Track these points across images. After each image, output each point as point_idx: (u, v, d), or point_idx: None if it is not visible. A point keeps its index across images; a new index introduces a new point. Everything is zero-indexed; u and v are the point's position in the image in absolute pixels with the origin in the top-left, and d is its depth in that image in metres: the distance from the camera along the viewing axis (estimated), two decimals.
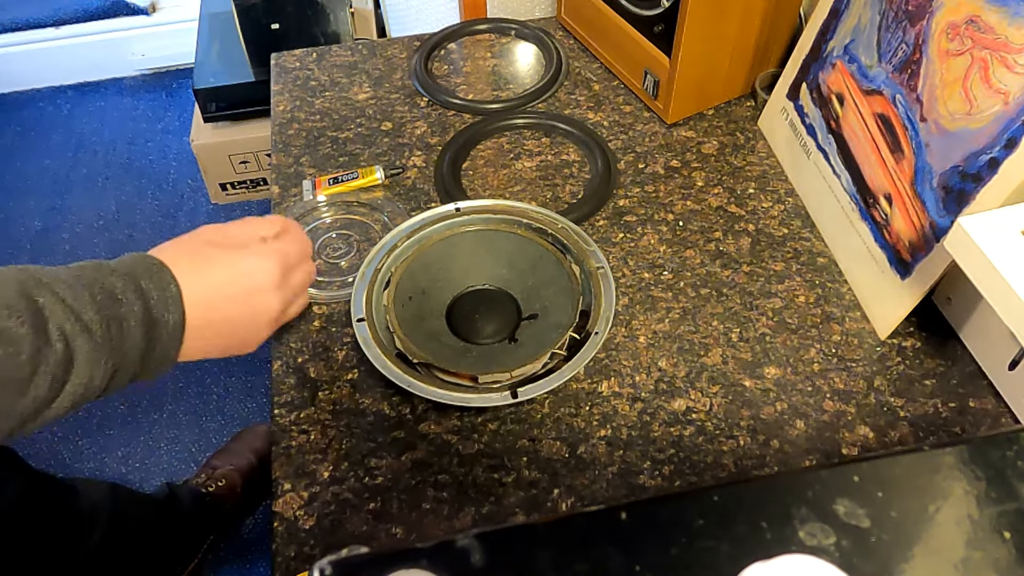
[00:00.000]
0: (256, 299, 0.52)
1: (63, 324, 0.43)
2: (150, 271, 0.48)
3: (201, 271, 0.50)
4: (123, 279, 0.47)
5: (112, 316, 0.45)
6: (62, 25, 2.12)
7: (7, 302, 0.41)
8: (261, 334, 0.54)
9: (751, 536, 0.27)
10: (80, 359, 0.43)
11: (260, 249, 0.53)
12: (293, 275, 0.55)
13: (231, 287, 0.51)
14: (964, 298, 0.61)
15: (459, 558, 0.26)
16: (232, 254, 0.52)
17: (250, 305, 0.52)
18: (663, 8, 0.75)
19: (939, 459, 0.31)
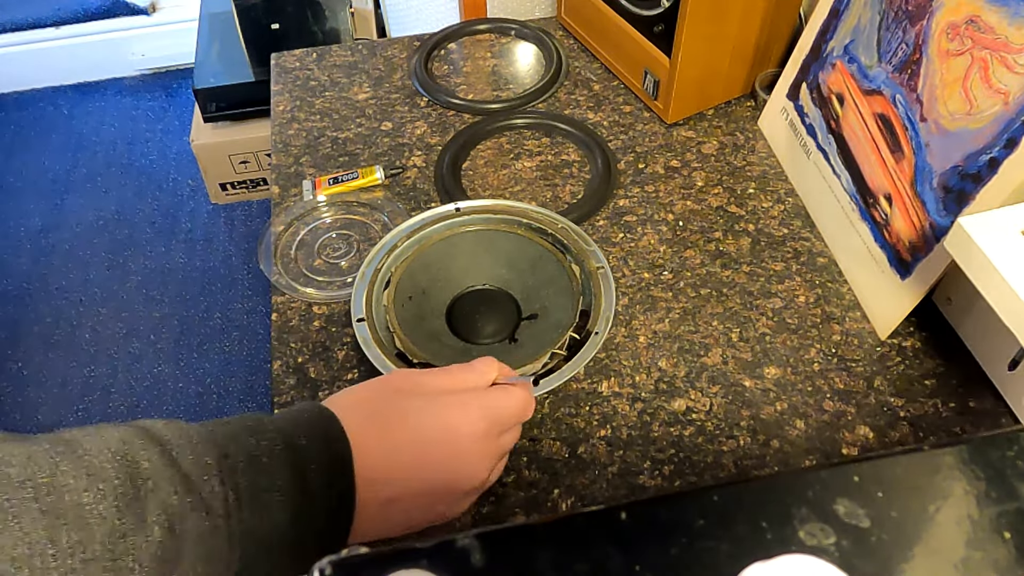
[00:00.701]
0: (452, 467, 0.41)
1: (167, 497, 0.33)
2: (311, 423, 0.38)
3: (381, 423, 0.39)
4: (272, 436, 0.37)
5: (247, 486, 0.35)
6: (62, 25, 2.12)
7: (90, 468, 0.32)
8: (458, 506, 0.43)
9: (751, 536, 0.27)
10: (188, 547, 0.33)
11: (463, 395, 0.42)
12: (503, 436, 0.44)
13: (416, 442, 0.40)
14: (964, 298, 0.61)
15: (459, 558, 0.26)
16: (423, 402, 0.41)
17: (449, 471, 0.41)
18: (663, 8, 0.75)
19: (939, 459, 0.31)
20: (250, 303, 1.69)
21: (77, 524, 0.31)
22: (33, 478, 0.31)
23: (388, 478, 0.39)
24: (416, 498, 0.40)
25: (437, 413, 0.41)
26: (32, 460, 0.32)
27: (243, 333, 1.64)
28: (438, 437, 0.40)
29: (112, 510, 0.32)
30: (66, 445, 0.33)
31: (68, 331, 1.66)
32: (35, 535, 0.30)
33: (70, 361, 1.61)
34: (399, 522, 0.41)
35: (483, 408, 0.42)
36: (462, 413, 0.41)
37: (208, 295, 1.71)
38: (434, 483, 0.40)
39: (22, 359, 1.63)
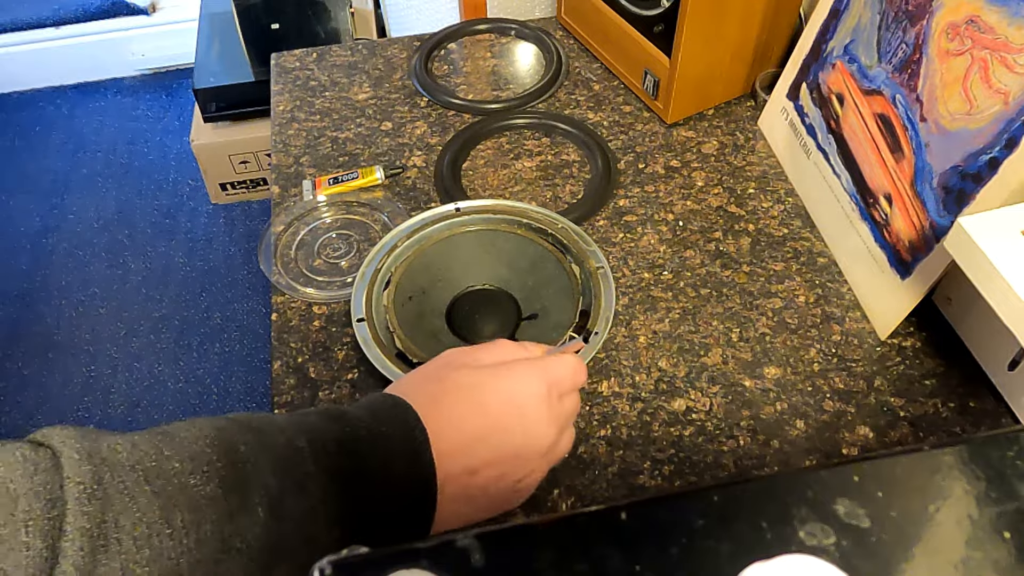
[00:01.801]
0: (524, 464, 0.42)
1: (267, 480, 0.35)
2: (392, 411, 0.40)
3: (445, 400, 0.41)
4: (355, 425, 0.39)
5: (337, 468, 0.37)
6: (62, 25, 2.12)
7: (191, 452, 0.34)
8: (533, 475, 0.43)
9: (751, 536, 0.27)
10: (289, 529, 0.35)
11: (519, 365, 0.43)
12: (563, 400, 0.44)
13: (480, 411, 0.41)
14: (964, 298, 0.61)
15: (459, 558, 0.26)
16: (482, 372, 0.42)
17: (516, 471, 0.42)
18: (663, 8, 0.75)
19: (939, 459, 0.31)
20: (250, 303, 1.69)
21: (188, 505, 0.32)
22: (141, 462, 0.33)
23: (461, 450, 0.40)
24: (490, 467, 0.41)
25: (497, 382, 0.42)
26: (136, 447, 0.33)
27: (243, 333, 1.64)
28: (501, 403, 0.41)
29: (218, 492, 0.33)
30: (163, 434, 0.35)
31: (68, 331, 1.66)
32: (151, 515, 0.32)
33: (70, 361, 1.61)
34: (479, 500, 0.41)
35: (540, 372, 0.43)
36: (520, 378, 0.42)
37: (208, 295, 1.71)
38: (505, 449, 0.41)
39: (22, 359, 1.63)
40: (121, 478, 0.32)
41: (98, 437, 0.33)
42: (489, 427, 0.41)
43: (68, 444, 0.32)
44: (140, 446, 0.34)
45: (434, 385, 0.42)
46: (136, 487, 0.32)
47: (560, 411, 0.43)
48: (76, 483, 0.31)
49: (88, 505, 0.31)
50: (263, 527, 0.34)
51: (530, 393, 0.42)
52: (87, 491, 0.31)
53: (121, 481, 0.32)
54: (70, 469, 0.31)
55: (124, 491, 0.32)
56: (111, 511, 0.31)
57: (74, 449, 0.32)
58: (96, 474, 0.31)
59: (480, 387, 0.42)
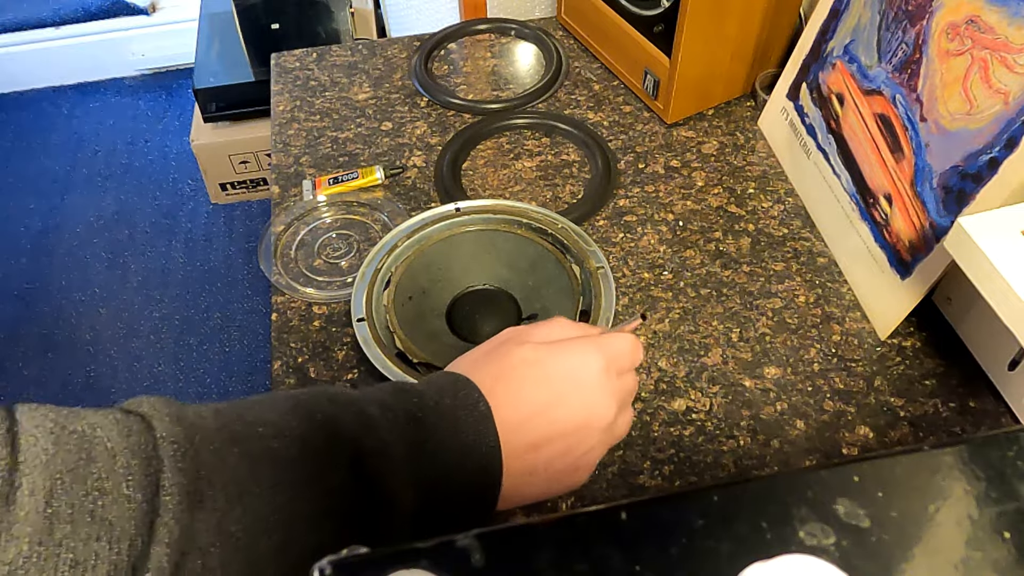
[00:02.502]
0: (585, 438, 0.41)
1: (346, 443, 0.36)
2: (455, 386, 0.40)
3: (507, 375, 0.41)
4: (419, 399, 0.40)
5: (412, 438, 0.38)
6: (62, 25, 2.12)
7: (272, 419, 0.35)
8: (594, 452, 0.43)
9: (751, 536, 0.27)
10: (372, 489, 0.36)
11: (577, 340, 0.43)
12: (622, 377, 0.44)
13: (542, 384, 0.41)
14: (964, 298, 0.61)
15: (459, 558, 0.26)
16: (541, 348, 0.42)
17: (579, 445, 0.41)
18: (663, 8, 0.75)
19: (939, 459, 0.31)
20: (250, 303, 1.69)
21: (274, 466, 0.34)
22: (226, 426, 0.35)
23: (523, 424, 0.40)
24: (552, 442, 0.41)
25: (556, 356, 0.42)
26: (220, 413, 0.35)
27: (243, 333, 1.64)
28: (562, 376, 0.41)
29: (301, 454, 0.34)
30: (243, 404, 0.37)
31: (68, 331, 1.66)
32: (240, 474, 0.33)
33: (70, 361, 1.61)
34: (541, 476, 0.41)
35: (599, 348, 0.43)
36: (580, 353, 0.42)
37: (208, 295, 1.71)
38: (566, 423, 0.41)
39: (22, 359, 1.63)
40: (210, 439, 0.34)
41: (183, 406, 0.35)
42: (550, 401, 0.41)
43: (158, 409, 0.34)
44: (223, 413, 0.35)
45: (494, 362, 0.42)
46: (224, 448, 0.33)
47: (619, 387, 0.43)
48: (170, 442, 0.32)
49: (182, 462, 0.32)
50: (349, 488, 0.35)
51: (590, 368, 0.42)
52: (180, 450, 0.32)
53: (211, 442, 0.33)
54: (162, 430, 0.33)
55: (214, 451, 0.33)
56: (204, 469, 0.32)
57: (164, 414, 0.33)
58: (187, 435, 0.33)
59: (540, 363, 0.42)
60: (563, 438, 0.41)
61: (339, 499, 0.35)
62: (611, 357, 0.43)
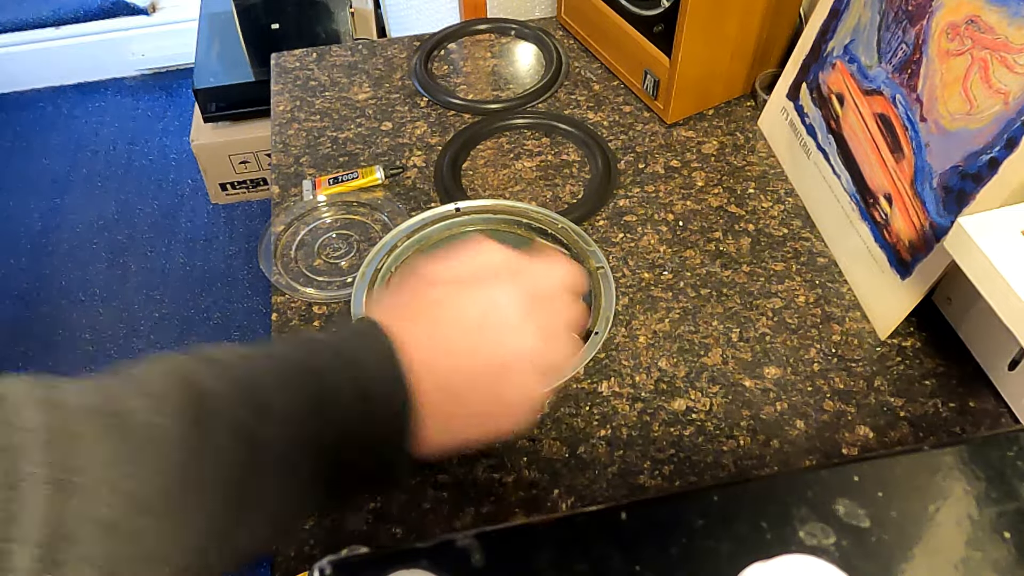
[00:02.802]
0: (500, 338, 0.39)
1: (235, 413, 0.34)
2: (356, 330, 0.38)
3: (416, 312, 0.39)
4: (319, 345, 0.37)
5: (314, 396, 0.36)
6: (62, 25, 2.12)
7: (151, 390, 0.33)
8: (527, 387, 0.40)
9: (751, 536, 0.27)
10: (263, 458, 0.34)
11: (494, 278, 0.41)
12: (549, 304, 0.42)
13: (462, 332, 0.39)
14: (964, 298, 0.61)
15: (459, 558, 0.26)
16: (463, 286, 0.40)
17: (495, 343, 0.39)
18: (663, 8, 0.75)
19: (939, 459, 0.31)
20: (250, 303, 1.69)
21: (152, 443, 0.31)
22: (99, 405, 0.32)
23: (435, 361, 0.38)
24: (471, 380, 0.39)
25: (471, 292, 0.40)
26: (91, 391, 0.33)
27: (243, 333, 1.63)
28: (475, 313, 0.39)
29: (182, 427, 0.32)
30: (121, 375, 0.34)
31: (68, 331, 1.66)
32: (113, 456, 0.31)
33: (70, 361, 1.61)
34: (462, 416, 0.40)
35: (514, 279, 0.41)
36: (495, 286, 0.40)
37: (208, 295, 1.71)
38: (485, 360, 0.39)
39: (22, 359, 1.63)
40: (78, 422, 0.31)
41: (53, 383, 0.32)
42: (462, 336, 0.39)
43: (18, 392, 0.31)
44: (96, 390, 0.33)
45: (406, 301, 0.40)
46: (94, 429, 0.31)
47: (544, 317, 0.41)
48: (27, 431, 0.30)
49: (41, 452, 0.29)
50: (234, 458, 0.33)
51: (504, 303, 0.39)
52: (39, 438, 0.30)
53: (78, 425, 0.31)
54: (18, 417, 0.30)
55: (81, 435, 0.31)
56: (70, 456, 0.30)
57: (26, 397, 0.31)
58: (48, 421, 0.30)
59: (451, 303, 0.40)
60: (481, 376, 0.39)
61: (227, 469, 0.33)
62: (529, 288, 0.41)
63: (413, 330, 0.38)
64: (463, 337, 0.39)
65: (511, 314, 0.39)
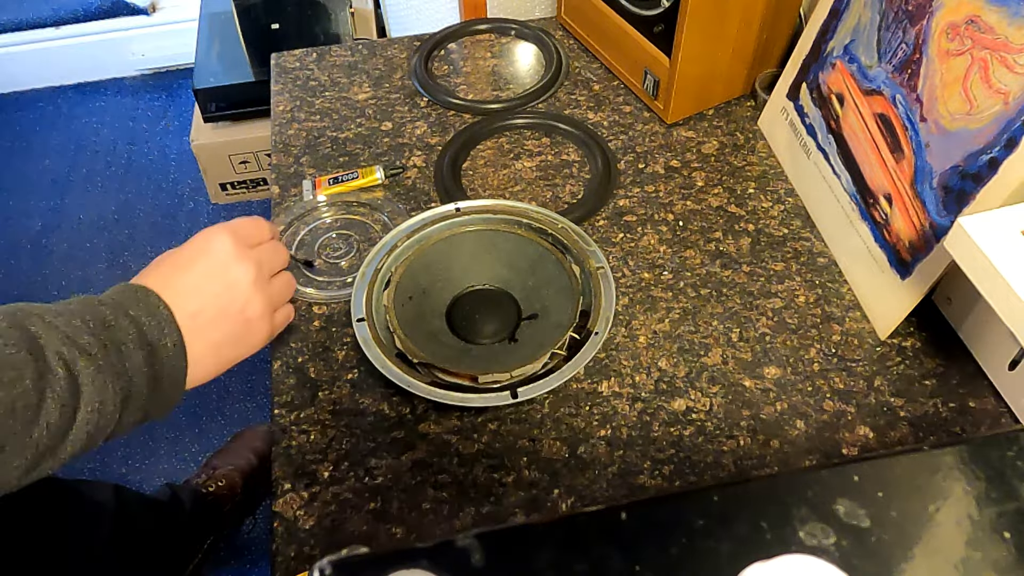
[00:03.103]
0: (238, 294, 0.52)
1: (60, 349, 0.42)
2: (136, 298, 0.48)
3: (179, 284, 0.50)
4: (111, 308, 0.46)
5: (109, 340, 0.44)
6: (62, 25, 2.12)
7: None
8: (258, 334, 0.54)
9: (751, 536, 0.27)
10: (86, 382, 0.42)
11: (230, 253, 0.53)
12: (273, 281, 0.55)
13: (212, 284, 0.51)
14: (964, 298, 0.61)
15: (459, 558, 0.26)
16: (203, 259, 0.52)
17: (234, 301, 0.52)
18: (663, 8, 0.75)
19: (939, 459, 0.31)
20: None
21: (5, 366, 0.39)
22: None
23: (197, 320, 0.49)
24: (207, 302, 0.50)
25: (192, 241, 0.53)
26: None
27: None
28: (194, 250, 0.52)
29: (27, 357, 0.40)
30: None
31: None
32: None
33: None
34: (221, 355, 0.52)
35: (224, 227, 0.53)
36: (208, 233, 0.53)
37: None
38: (210, 285, 0.51)
39: None
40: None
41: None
42: (186, 265, 0.51)
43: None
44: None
45: (162, 270, 0.52)
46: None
47: (254, 255, 0.53)
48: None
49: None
50: (65, 380, 0.41)
51: (218, 242, 0.52)
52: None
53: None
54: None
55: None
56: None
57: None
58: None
59: (180, 250, 0.53)
60: (215, 298, 0.51)
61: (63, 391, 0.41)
62: (235, 233, 0.53)
63: (174, 294, 0.49)
64: (207, 289, 0.51)
65: (225, 250, 0.52)
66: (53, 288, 1.75)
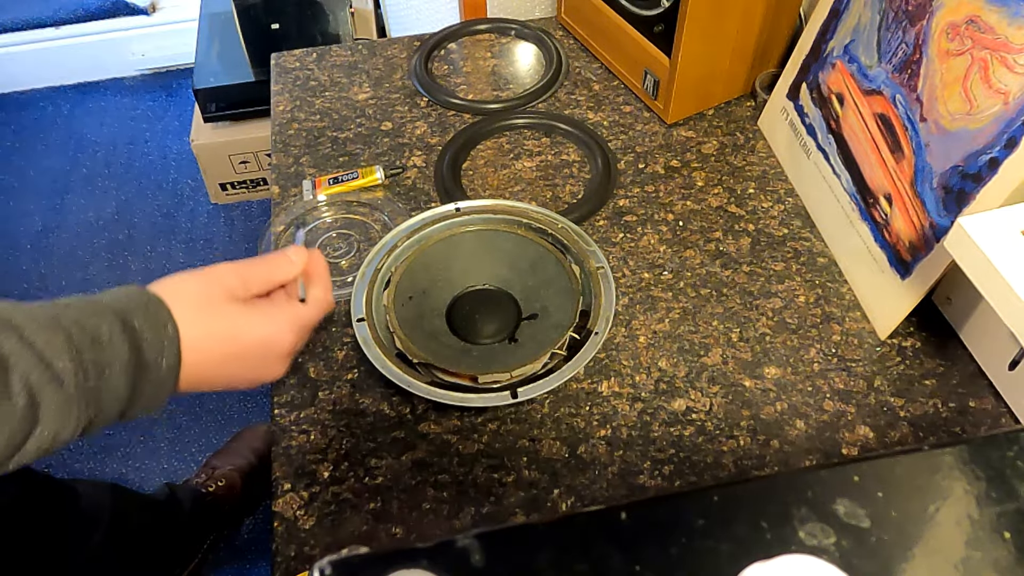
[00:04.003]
0: (262, 365, 0.48)
1: (28, 373, 0.38)
2: (146, 308, 0.43)
3: (207, 320, 0.45)
4: (111, 318, 0.42)
5: (92, 361, 0.40)
6: (62, 25, 2.12)
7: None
8: (262, 381, 0.50)
9: (751, 536, 0.27)
10: (47, 411, 0.39)
11: (278, 314, 0.48)
12: (308, 334, 0.52)
13: (236, 345, 0.46)
14: (964, 298, 0.61)
15: (459, 558, 0.26)
16: (246, 313, 0.47)
17: (254, 368, 0.48)
18: (663, 8, 0.75)
19: (939, 459, 0.31)
20: None
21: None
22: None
23: (208, 361, 0.46)
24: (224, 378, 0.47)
25: (258, 325, 0.47)
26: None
27: None
28: (255, 343, 0.47)
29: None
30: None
31: None
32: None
33: None
34: (204, 389, 0.47)
35: (295, 325, 0.49)
36: (275, 328, 0.48)
37: None
38: (241, 374, 0.48)
39: None
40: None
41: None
42: (234, 356, 0.47)
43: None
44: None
45: (200, 301, 0.46)
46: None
47: (300, 345, 0.50)
48: None
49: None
50: (23, 411, 0.38)
51: (280, 342, 0.48)
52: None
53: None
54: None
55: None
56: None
57: None
58: None
59: (238, 320, 0.47)
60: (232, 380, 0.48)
61: (17, 422, 0.37)
62: (301, 329, 0.49)
63: (194, 329, 0.45)
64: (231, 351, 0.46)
65: (276, 351, 0.48)
66: (53, 288, 1.75)
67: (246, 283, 0.48)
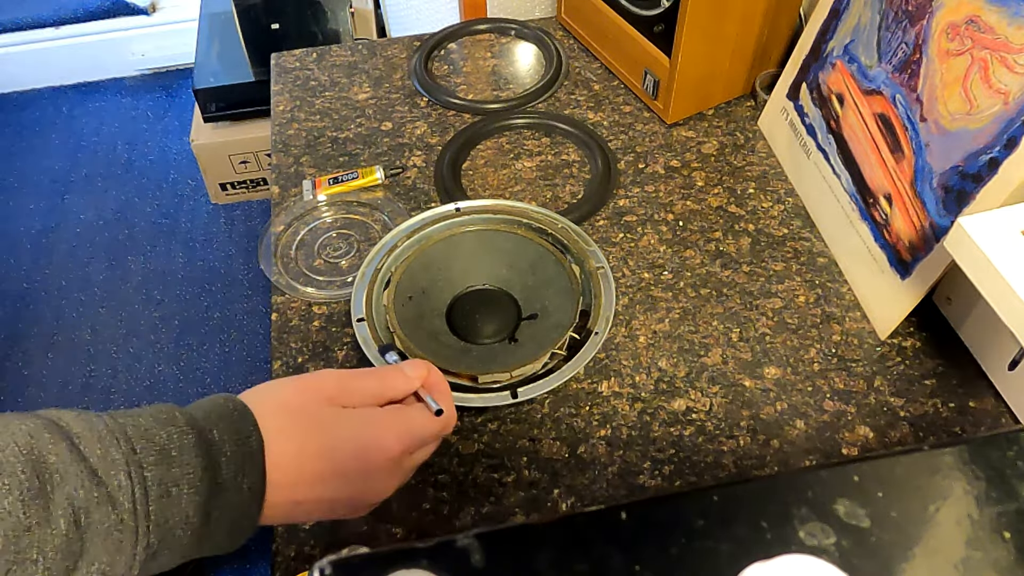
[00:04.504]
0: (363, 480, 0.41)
1: (73, 493, 0.32)
2: (228, 417, 0.38)
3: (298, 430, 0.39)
4: (185, 427, 0.36)
5: (156, 479, 0.35)
6: (62, 25, 2.12)
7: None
8: (358, 513, 0.44)
9: (751, 536, 0.27)
10: (94, 540, 0.33)
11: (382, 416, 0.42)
12: (416, 454, 0.44)
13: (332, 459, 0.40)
14: (964, 298, 0.61)
15: (459, 558, 0.26)
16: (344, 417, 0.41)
17: (354, 485, 0.41)
18: (663, 8, 0.75)
19: (939, 459, 0.31)
20: (250, 303, 1.69)
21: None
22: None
23: (298, 482, 0.39)
24: (320, 503, 0.40)
25: (356, 430, 0.41)
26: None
27: (243, 333, 1.63)
28: (353, 454, 0.40)
29: (17, 504, 0.31)
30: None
31: (68, 331, 1.66)
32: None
33: (70, 361, 1.61)
34: (299, 519, 0.42)
35: (401, 431, 0.42)
36: (380, 434, 0.41)
37: (208, 295, 1.71)
38: (340, 495, 0.41)
39: (22, 359, 1.63)
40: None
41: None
42: (332, 472, 0.40)
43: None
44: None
45: (293, 410, 0.40)
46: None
47: (408, 466, 0.43)
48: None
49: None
50: (63, 538, 0.32)
51: (384, 452, 0.41)
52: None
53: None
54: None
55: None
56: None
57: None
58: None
59: (338, 429, 0.40)
60: (330, 503, 0.41)
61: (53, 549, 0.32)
62: (411, 441, 0.42)
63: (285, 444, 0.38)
64: (328, 468, 0.39)
65: (380, 464, 0.40)
66: (53, 288, 1.75)
67: (349, 394, 0.42)
